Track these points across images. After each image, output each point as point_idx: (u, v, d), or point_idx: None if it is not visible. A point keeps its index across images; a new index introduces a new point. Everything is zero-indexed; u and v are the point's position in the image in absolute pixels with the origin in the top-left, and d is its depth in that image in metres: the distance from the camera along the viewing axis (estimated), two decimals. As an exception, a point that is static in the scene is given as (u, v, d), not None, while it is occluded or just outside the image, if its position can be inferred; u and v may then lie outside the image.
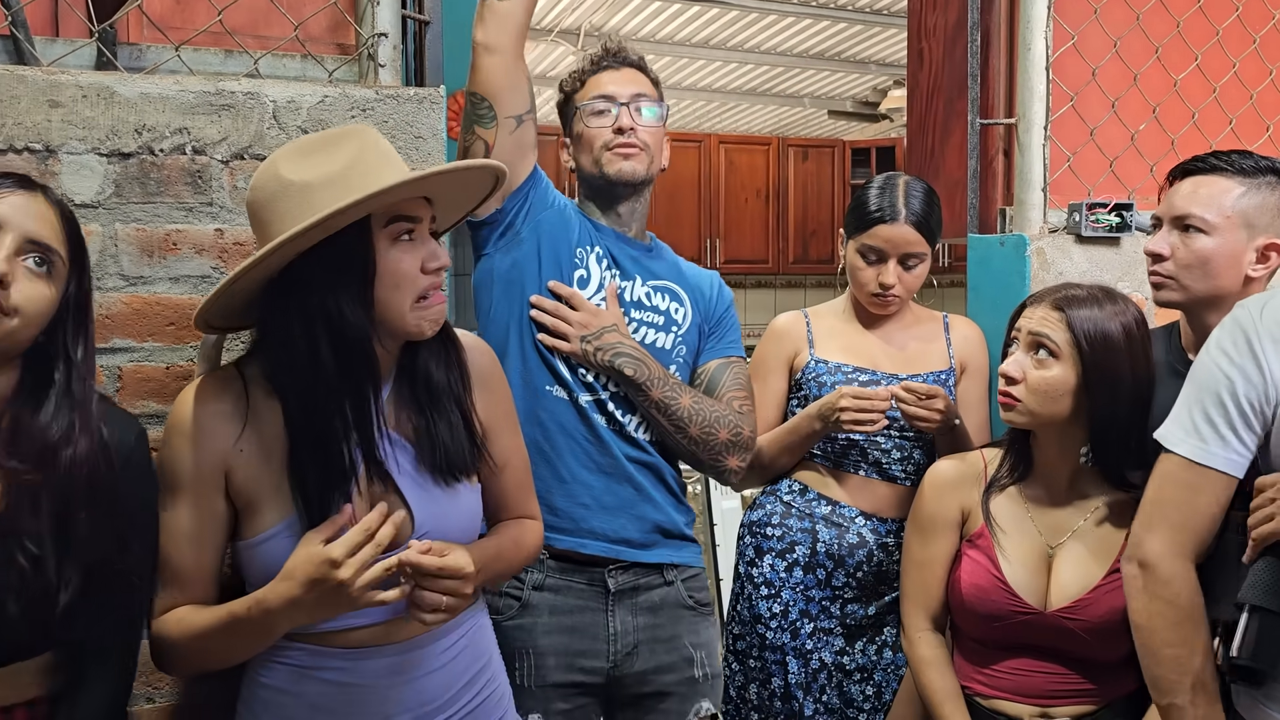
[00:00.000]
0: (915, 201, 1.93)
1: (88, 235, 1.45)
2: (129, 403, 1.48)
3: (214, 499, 1.25)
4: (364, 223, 1.22)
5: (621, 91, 1.78)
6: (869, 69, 6.42)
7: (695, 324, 1.83)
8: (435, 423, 1.31)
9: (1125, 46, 2.26)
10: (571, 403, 1.70)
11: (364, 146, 1.24)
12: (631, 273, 1.79)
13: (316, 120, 1.53)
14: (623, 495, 1.70)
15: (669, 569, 1.75)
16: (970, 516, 1.70)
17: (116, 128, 1.46)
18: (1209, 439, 1.39)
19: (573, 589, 1.69)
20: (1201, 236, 1.64)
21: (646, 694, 1.72)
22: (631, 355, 1.69)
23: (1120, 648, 1.61)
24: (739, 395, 1.80)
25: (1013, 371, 1.62)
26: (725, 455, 1.74)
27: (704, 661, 1.76)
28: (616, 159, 1.76)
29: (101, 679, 1.21)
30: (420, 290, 1.26)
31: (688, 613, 1.77)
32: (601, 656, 1.69)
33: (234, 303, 1.26)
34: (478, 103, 1.67)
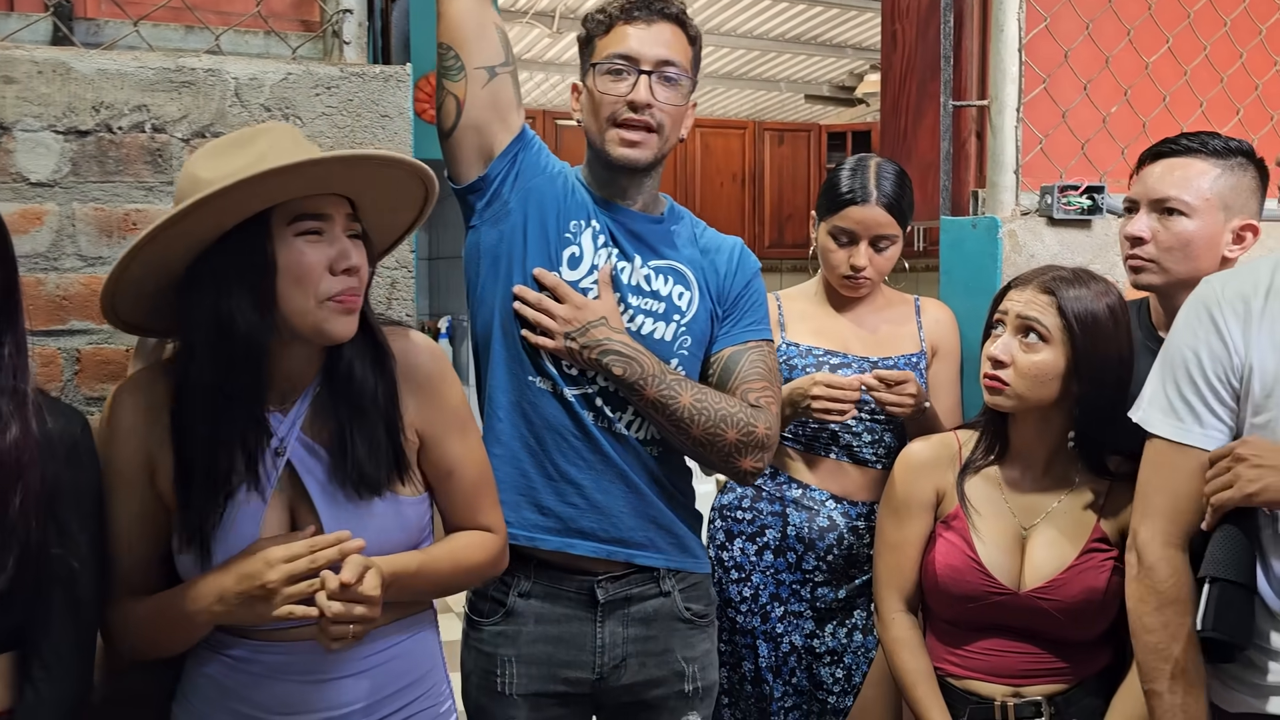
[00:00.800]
0: (887, 183, 1.92)
1: (44, 215, 1.43)
2: (88, 386, 1.45)
3: (143, 495, 1.26)
4: (265, 220, 1.18)
5: (647, 54, 1.56)
6: (845, 53, 6.41)
7: (705, 310, 1.64)
8: (353, 434, 1.26)
9: (1097, 29, 2.26)
10: (556, 396, 1.56)
11: (273, 143, 1.20)
12: (632, 252, 1.61)
13: (280, 98, 1.50)
14: (614, 494, 1.57)
15: (666, 577, 1.62)
16: (944, 498, 1.70)
17: (73, 105, 1.43)
18: (1185, 418, 1.41)
19: (561, 597, 1.58)
20: (1182, 219, 1.65)
21: (631, 704, 1.63)
22: (621, 352, 1.52)
23: (1093, 627, 1.62)
24: (755, 386, 1.61)
25: (1000, 355, 1.61)
26: (736, 457, 1.56)
27: (696, 675, 1.64)
28: (619, 144, 1.57)
29: (57, 678, 1.19)
30: (327, 290, 1.20)
31: (683, 625, 1.64)
32: (587, 668, 1.59)
33: (140, 300, 1.24)
34: (444, 54, 1.54)
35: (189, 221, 1.15)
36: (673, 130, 1.61)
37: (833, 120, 7.39)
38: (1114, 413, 1.61)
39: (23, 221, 1.41)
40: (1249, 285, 1.39)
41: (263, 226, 1.18)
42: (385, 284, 1.58)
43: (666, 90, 1.57)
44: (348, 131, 1.54)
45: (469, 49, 1.54)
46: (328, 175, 1.20)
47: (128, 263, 1.17)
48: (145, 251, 1.17)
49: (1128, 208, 1.74)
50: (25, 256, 1.41)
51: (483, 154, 1.58)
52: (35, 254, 1.43)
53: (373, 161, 1.23)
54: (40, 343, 1.43)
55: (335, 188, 1.22)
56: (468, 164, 1.58)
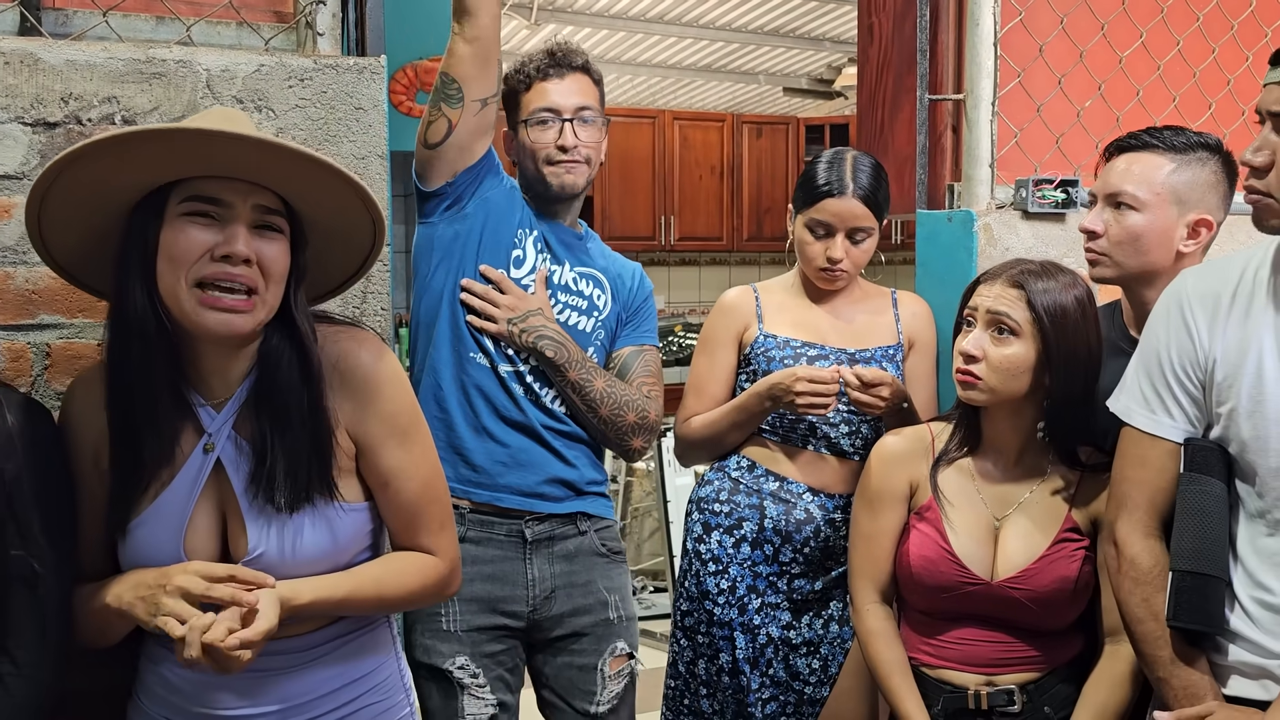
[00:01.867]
0: (863, 176, 1.93)
1: (11, 208, 1.41)
2: (59, 381, 1.44)
3: (94, 486, 1.25)
4: (163, 198, 1.16)
5: (566, 104, 1.86)
6: (824, 46, 6.42)
7: (615, 311, 1.95)
8: (273, 444, 1.21)
9: (1072, 23, 2.27)
10: (492, 370, 1.82)
11: (205, 117, 1.18)
12: (562, 258, 1.91)
13: (252, 90, 1.49)
14: (536, 454, 1.82)
15: (582, 519, 1.87)
16: (918, 490, 1.71)
17: (41, 96, 1.41)
18: (1156, 409, 1.44)
19: (493, 540, 1.81)
20: (1132, 213, 1.67)
21: (564, 635, 1.85)
22: (553, 338, 1.81)
23: (1064, 616, 1.64)
24: (648, 381, 1.93)
25: (972, 350, 1.62)
26: (631, 436, 1.87)
27: (618, 605, 1.89)
28: (559, 173, 1.86)
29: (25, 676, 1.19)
30: (198, 273, 1.14)
31: (601, 559, 1.89)
32: (521, 601, 1.82)
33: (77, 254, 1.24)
34: (448, 83, 1.75)
35: (82, 171, 1.13)
36: (596, 159, 1.92)
37: (811, 113, 7.40)
38: (1084, 403, 1.63)
39: (-10, 214, 1.40)
40: (1220, 282, 1.42)
41: (160, 203, 1.17)
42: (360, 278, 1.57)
43: (586, 130, 1.87)
44: (321, 124, 1.53)
45: (471, 84, 1.75)
46: (232, 157, 1.14)
47: (35, 207, 1.17)
48: (49, 205, 1.15)
49: (1089, 201, 1.76)
50: (-7, 250, 1.39)
51: (455, 167, 1.81)
52: (4, 248, 1.41)
53: (275, 151, 1.15)
54: (9, 337, 1.41)
55: (241, 173, 1.17)
56: (439, 175, 1.81)
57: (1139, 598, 1.43)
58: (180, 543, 1.21)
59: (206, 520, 1.23)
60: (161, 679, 1.28)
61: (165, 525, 1.21)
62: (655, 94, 7.46)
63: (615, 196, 6.25)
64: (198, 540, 1.22)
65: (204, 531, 1.23)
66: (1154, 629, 1.42)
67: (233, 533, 1.24)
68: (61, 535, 1.23)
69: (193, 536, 1.22)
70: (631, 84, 7.03)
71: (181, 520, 1.21)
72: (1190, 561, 1.37)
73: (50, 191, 1.15)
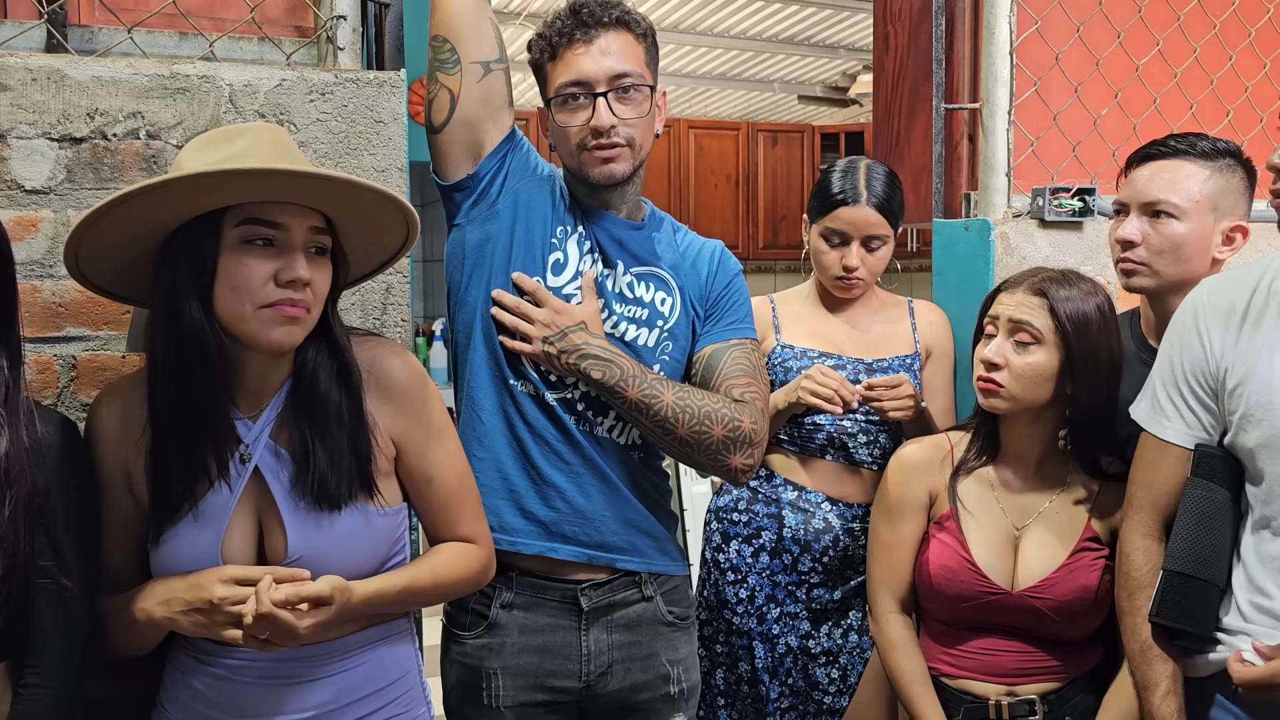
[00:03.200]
0: (877, 184, 1.93)
1: (39, 222, 1.43)
2: (85, 392, 1.46)
3: (121, 499, 1.27)
4: (216, 220, 1.18)
5: (598, 74, 1.52)
6: (838, 54, 6.42)
7: (686, 316, 1.63)
8: (315, 447, 1.24)
9: (1088, 32, 2.27)
10: (537, 400, 1.55)
11: (252, 143, 1.19)
12: (615, 259, 1.60)
13: (274, 104, 1.50)
14: (596, 498, 1.56)
15: (648, 582, 1.61)
16: (937, 499, 1.71)
17: (68, 111, 1.43)
18: (1170, 415, 1.47)
19: (544, 607, 1.56)
20: (1173, 222, 1.66)
21: (617, 709, 1.62)
22: (600, 356, 1.50)
23: (1085, 626, 1.64)
24: (740, 382, 1.58)
25: (994, 358, 1.62)
26: (725, 454, 1.53)
27: (680, 678, 1.64)
28: (596, 165, 1.54)
29: (48, 685, 1.20)
30: (265, 298, 1.18)
31: (666, 629, 1.63)
32: (574, 677, 1.57)
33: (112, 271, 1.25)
34: (439, 47, 1.52)
35: (135, 207, 1.15)
36: (644, 138, 1.58)
37: (826, 121, 7.40)
38: (1106, 412, 1.62)
39: (18, 229, 1.41)
40: (1235, 292, 1.43)
41: (214, 225, 1.18)
42: (380, 289, 1.58)
43: (626, 104, 1.54)
44: (342, 137, 1.54)
45: (465, 43, 1.51)
46: (284, 185, 1.18)
47: (75, 246, 1.18)
48: (95, 234, 1.17)
49: (1117, 210, 1.75)
50: (21, 264, 1.40)
51: (472, 151, 1.55)
52: (31, 261, 1.43)
53: (335, 183, 1.19)
54: (36, 349, 1.43)
55: (297, 198, 1.20)
56: (457, 161, 1.55)
57: (1125, 592, 1.50)
58: (218, 550, 1.23)
59: (243, 528, 1.25)
60: (190, 689, 1.29)
61: (203, 534, 1.22)
62: (670, 102, 7.46)
63: (630, 205, 6.26)
64: (234, 547, 1.24)
65: (241, 539, 1.24)
66: (1130, 624, 1.48)
67: (270, 539, 1.26)
68: (88, 547, 1.24)
69: (230, 544, 1.23)
70: (646, 93, 7.03)
71: (219, 529, 1.23)
72: (1181, 563, 1.42)
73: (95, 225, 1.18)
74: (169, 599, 1.20)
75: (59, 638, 1.20)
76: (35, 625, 1.19)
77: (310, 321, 1.23)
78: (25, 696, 1.19)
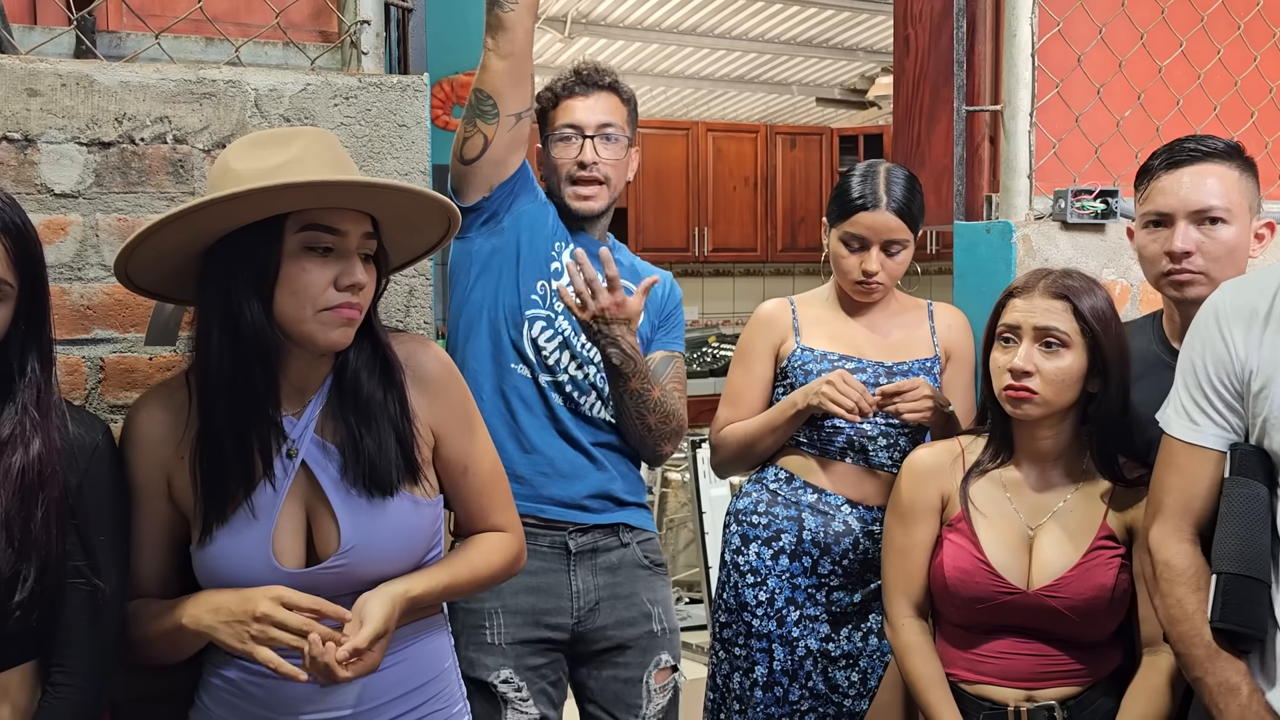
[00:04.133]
0: (896, 188, 1.93)
1: (68, 225, 1.45)
2: (112, 394, 1.47)
3: (159, 504, 1.29)
4: (278, 225, 1.20)
5: (588, 121, 1.88)
6: (857, 56, 6.41)
7: (648, 321, 1.94)
8: (362, 436, 1.28)
9: (1110, 33, 2.26)
10: (533, 380, 1.83)
11: (308, 147, 1.22)
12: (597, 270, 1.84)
13: (299, 108, 1.52)
14: (577, 464, 1.84)
15: (625, 531, 1.88)
16: (950, 502, 1.71)
17: (96, 116, 1.45)
18: (1197, 418, 1.44)
19: (536, 552, 1.77)
20: (1226, 227, 1.64)
21: (608, 648, 1.85)
22: (625, 350, 1.77)
23: (1103, 626, 1.63)
24: (678, 387, 1.94)
25: (1025, 365, 1.60)
26: (666, 442, 1.89)
27: (661, 617, 1.89)
28: (577, 198, 1.88)
29: (77, 684, 1.21)
30: (326, 303, 1.22)
31: (644, 571, 1.90)
32: (566, 614, 1.81)
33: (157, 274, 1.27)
34: (483, 99, 1.77)
35: (200, 216, 1.17)
36: (618, 178, 1.93)
37: (844, 123, 7.38)
38: (1125, 410, 1.63)
39: (47, 232, 1.43)
40: (1256, 294, 1.42)
41: (276, 230, 1.20)
42: (403, 291, 1.60)
43: (608, 147, 1.89)
44: (365, 141, 1.55)
45: (506, 99, 1.77)
46: (350, 194, 1.21)
47: (135, 246, 1.20)
48: (155, 239, 1.19)
49: (1156, 221, 1.70)
50: (51, 266, 1.41)
51: (490, 183, 1.83)
52: (60, 264, 1.44)
53: (399, 192, 1.25)
54: (65, 352, 1.44)
55: (359, 205, 1.24)
56: (476, 189, 1.83)
57: (1174, 598, 1.44)
58: (269, 546, 1.24)
59: (292, 523, 1.26)
60: (230, 684, 1.30)
61: (252, 531, 1.24)
62: (688, 106, 7.48)
63: (649, 208, 6.28)
64: (285, 542, 1.26)
65: (290, 533, 1.26)
66: (1188, 629, 1.41)
67: (319, 532, 1.27)
68: (120, 548, 1.26)
69: (280, 538, 1.25)
70: (665, 96, 7.05)
71: (269, 525, 1.24)
72: (1236, 564, 1.37)
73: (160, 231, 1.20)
74: (218, 607, 1.21)
75: (88, 637, 1.22)
76: (65, 625, 1.20)
77: (360, 321, 1.27)
78: (52, 694, 1.20)
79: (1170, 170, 1.67)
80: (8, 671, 1.18)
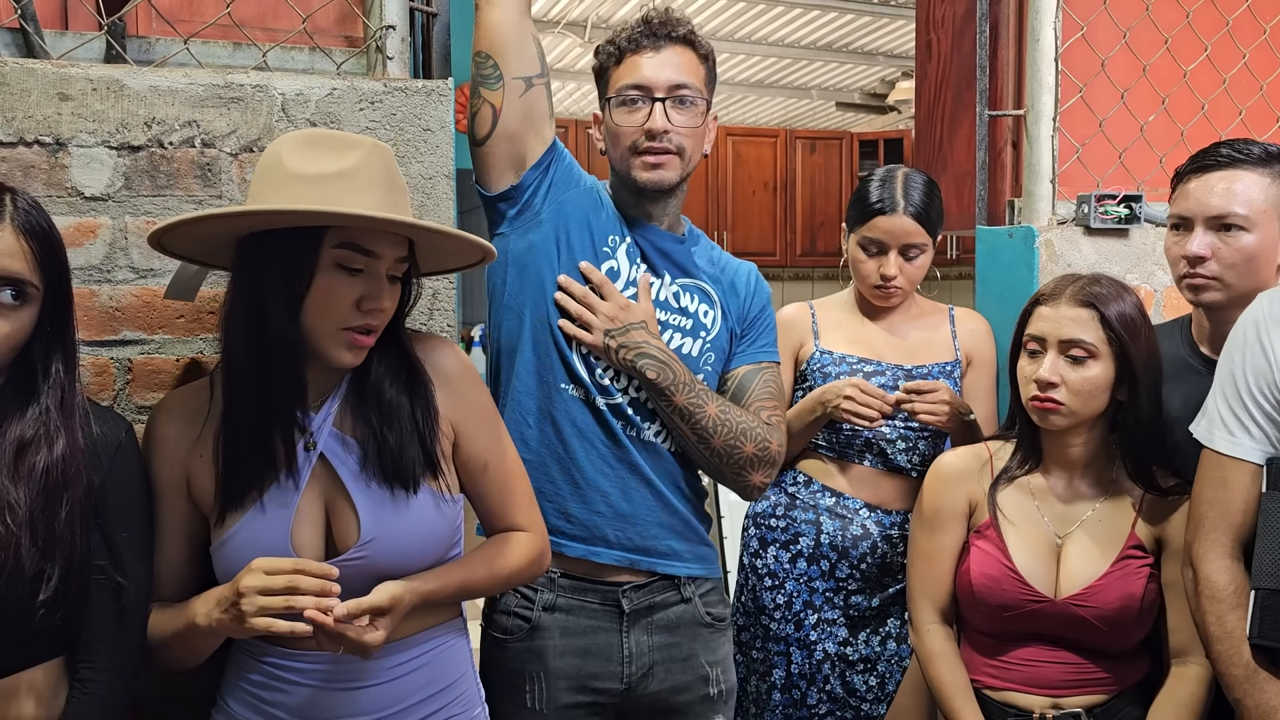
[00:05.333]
0: (915, 193, 1.93)
1: (97, 228, 1.46)
2: (140, 395, 1.49)
3: (179, 504, 1.30)
4: (318, 237, 1.21)
5: (659, 80, 1.58)
6: (877, 60, 6.40)
7: (726, 328, 1.68)
8: (384, 433, 1.28)
9: (1135, 37, 2.25)
10: (587, 404, 1.59)
11: (364, 162, 1.22)
12: (661, 269, 1.65)
13: (325, 113, 1.53)
14: (639, 503, 1.59)
15: (686, 584, 1.65)
16: (977, 508, 1.70)
17: (126, 121, 1.46)
18: (1236, 431, 1.43)
19: (585, 609, 1.59)
20: (1244, 234, 1.62)
21: (657, 710, 1.64)
22: (657, 357, 1.55)
23: (1131, 636, 1.62)
24: (768, 405, 1.65)
25: (1050, 376, 1.59)
26: (749, 470, 1.61)
27: (719, 679, 1.68)
28: (645, 167, 1.59)
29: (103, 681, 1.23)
30: (348, 322, 1.23)
31: (705, 630, 1.67)
32: (615, 678, 1.60)
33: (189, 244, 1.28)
34: (482, 63, 1.57)
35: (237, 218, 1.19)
36: (694, 150, 1.63)
37: (864, 128, 7.37)
38: (1157, 418, 1.61)
39: (77, 235, 1.45)
40: None
41: (315, 240, 1.21)
42: (427, 295, 1.60)
43: (682, 113, 1.60)
44: (390, 145, 1.55)
45: (507, 59, 1.56)
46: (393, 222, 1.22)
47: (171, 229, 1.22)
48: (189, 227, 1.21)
49: (1176, 225, 1.69)
50: (79, 269, 1.44)
51: (515, 163, 1.60)
52: (89, 266, 1.46)
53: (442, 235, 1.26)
54: (93, 353, 1.46)
55: (399, 232, 1.25)
56: (499, 172, 1.61)
57: (1214, 616, 1.42)
58: (287, 537, 1.25)
59: (311, 516, 1.27)
60: (253, 685, 1.31)
61: (271, 524, 1.24)
62: (708, 110, 7.47)
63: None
64: (304, 534, 1.26)
65: (309, 526, 1.27)
66: (1226, 648, 1.40)
67: (338, 525, 1.28)
68: (143, 546, 1.27)
69: (299, 531, 1.26)
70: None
71: (287, 517, 1.25)
72: (1274, 579, 1.36)
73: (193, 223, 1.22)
74: (219, 598, 1.22)
75: (113, 634, 1.23)
76: (90, 622, 1.22)
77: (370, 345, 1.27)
78: (80, 691, 1.22)
79: (1199, 174, 1.66)
80: (33, 669, 1.20)
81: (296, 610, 1.16)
